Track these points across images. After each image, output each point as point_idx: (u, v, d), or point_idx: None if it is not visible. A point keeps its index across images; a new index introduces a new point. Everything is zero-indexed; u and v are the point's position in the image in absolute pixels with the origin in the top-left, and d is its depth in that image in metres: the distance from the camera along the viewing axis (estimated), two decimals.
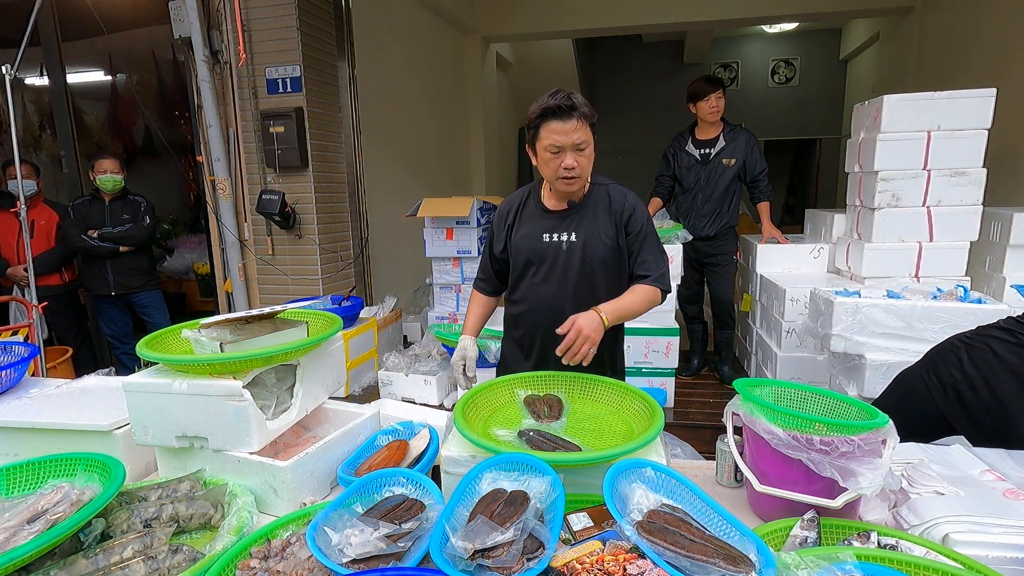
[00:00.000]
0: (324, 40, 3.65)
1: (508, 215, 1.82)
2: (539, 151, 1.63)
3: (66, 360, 3.58)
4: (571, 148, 1.58)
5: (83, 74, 4.93)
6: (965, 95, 2.68)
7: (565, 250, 1.73)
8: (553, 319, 1.66)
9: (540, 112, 1.58)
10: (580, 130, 1.57)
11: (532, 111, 1.62)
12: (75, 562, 0.97)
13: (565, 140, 1.57)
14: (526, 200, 1.81)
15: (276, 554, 1.03)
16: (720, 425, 1.36)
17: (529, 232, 1.77)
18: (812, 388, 1.37)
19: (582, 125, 1.57)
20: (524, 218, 1.79)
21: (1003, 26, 4.13)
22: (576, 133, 1.57)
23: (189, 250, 5.17)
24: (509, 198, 1.87)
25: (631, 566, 0.85)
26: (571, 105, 1.55)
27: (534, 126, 1.62)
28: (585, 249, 1.72)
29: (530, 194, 1.82)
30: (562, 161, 1.60)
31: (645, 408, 1.36)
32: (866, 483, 1.04)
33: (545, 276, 1.75)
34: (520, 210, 1.81)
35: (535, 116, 1.60)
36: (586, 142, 1.60)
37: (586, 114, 1.57)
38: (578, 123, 1.57)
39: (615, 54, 9.29)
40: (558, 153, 1.59)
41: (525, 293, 1.80)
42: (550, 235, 1.74)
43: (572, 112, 1.56)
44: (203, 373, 1.24)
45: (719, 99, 3.31)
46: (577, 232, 1.73)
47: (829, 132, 8.72)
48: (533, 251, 1.75)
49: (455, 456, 1.21)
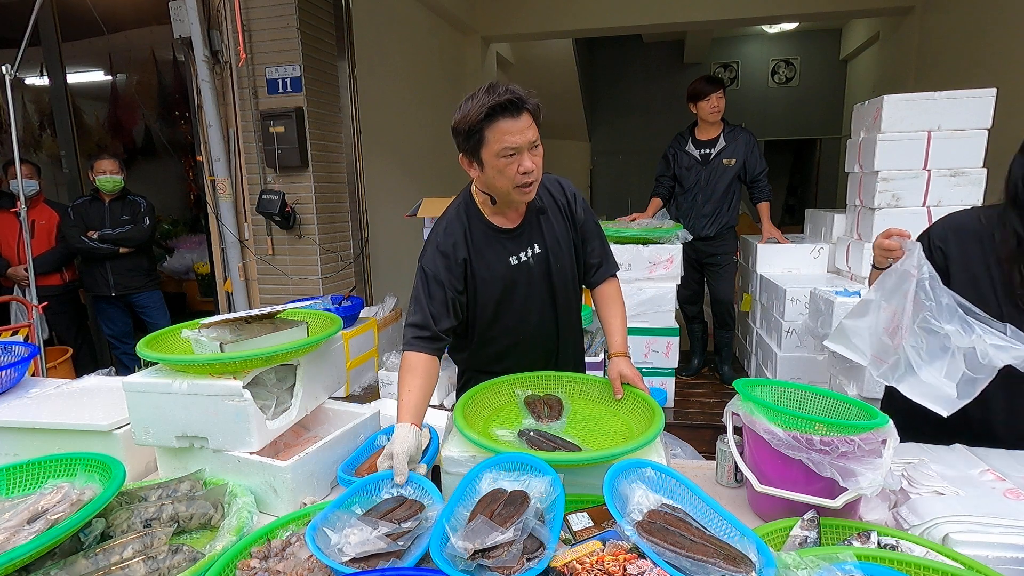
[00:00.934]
0: (324, 40, 3.65)
1: (456, 253, 1.50)
2: (487, 159, 1.37)
3: (66, 360, 3.58)
4: (527, 147, 1.36)
5: (83, 74, 4.93)
6: (965, 95, 2.68)
7: (534, 265, 1.55)
8: (542, 343, 1.62)
9: (485, 112, 1.31)
10: (532, 127, 1.36)
11: (468, 115, 1.34)
12: (75, 562, 0.97)
13: (520, 140, 1.34)
14: (469, 226, 1.52)
15: (276, 554, 1.03)
16: (720, 425, 1.36)
17: (493, 260, 1.52)
18: (812, 388, 1.37)
19: (532, 122, 1.36)
20: (478, 247, 1.52)
21: (1003, 26, 4.13)
22: (530, 130, 1.35)
23: (189, 250, 5.16)
24: (446, 228, 1.53)
25: (631, 566, 0.85)
26: (519, 99, 1.32)
27: (476, 131, 1.34)
28: (551, 259, 1.56)
29: (468, 216, 1.53)
30: (519, 165, 1.36)
31: (645, 408, 1.36)
32: (866, 483, 1.04)
33: (524, 301, 1.56)
34: (469, 239, 1.52)
35: (479, 119, 1.32)
36: (538, 140, 1.39)
37: (534, 108, 1.35)
38: (529, 119, 1.35)
39: (615, 54, 9.29)
40: (513, 156, 1.35)
41: (508, 325, 1.58)
42: (515, 256, 1.54)
43: (523, 106, 1.33)
44: (203, 373, 1.24)
45: (720, 99, 3.31)
46: (539, 243, 1.56)
47: (829, 132, 8.72)
48: (505, 279, 1.53)
49: (455, 456, 1.21)
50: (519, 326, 1.58)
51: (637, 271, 3.16)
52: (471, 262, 1.51)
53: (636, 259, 3.15)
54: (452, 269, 1.49)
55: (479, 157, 1.39)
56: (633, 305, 3.11)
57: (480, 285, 1.53)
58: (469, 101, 1.35)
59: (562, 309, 1.62)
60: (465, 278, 1.52)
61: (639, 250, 3.15)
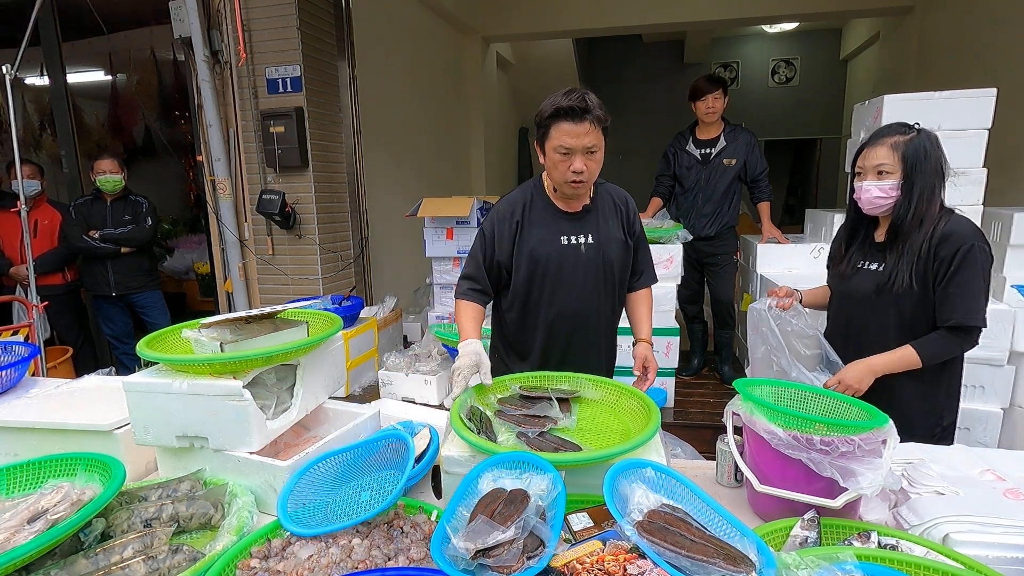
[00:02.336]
0: (324, 40, 3.65)
1: (512, 217, 1.70)
2: (548, 151, 1.58)
3: (66, 360, 3.58)
4: (581, 151, 1.53)
5: (83, 74, 4.93)
6: (965, 95, 2.68)
7: (584, 253, 1.69)
8: (578, 325, 1.72)
9: (552, 111, 1.52)
10: (592, 134, 1.52)
11: (544, 109, 1.55)
12: (75, 562, 0.97)
13: (575, 143, 1.52)
14: (531, 200, 1.72)
15: (276, 554, 1.03)
16: (720, 425, 1.36)
17: (544, 235, 1.69)
18: (812, 388, 1.37)
19: (594, 129, 1.52)
20: (534, 219, 1.70)
21: (1003, 26, 4.13)
22: (588, 136, 1.51)
23: (189, 250, 5.17)
24: (509, 197, 1.76)
25: (631, 566, 0.85)
26: (584, 107, 1.49)
27: (544, 125, 1.56)
28: (603, 251, 1.70)
29: (533, 193, 1.73)
30: (571, 164, 1.55)
31: (642, 408, 1.36)
32: (866, 483, 1.04)
33: (568, 280, 1.70)
34: (527, 211, 1.71)
35: (546, 115, 1.54)
36: (597, 146, 1.55)
37: (599, 117, 1.52)
38: (591, 126, 1.51)
39: (615, 54, 9.28)
40: (567, 155, 1.54)
41: (547, 300, 1.71)
42: (567, 237, 1.69)
43: (585, 114, 1.50)
44: (203, 373, 1.24)
45: (716, 99, 3.31)
46: (594, 234, 1.70)
47: (829, 132, 8.72)
48: (553, 255, 1.68)
49: (455, 456, 1.21)
50: (557, 302, 1.71)
51: None
52: (522, 230, 1.69)
53: None
54: (503, 233, 1.69)
55: (544, 147, 1.59)
56: None
57: (530, 253, 1.69)
58: (550, 98, 1.54)
59: (606, 301, 1.75)
60: (513, 244, 1.70)
61: None
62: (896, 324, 1.63)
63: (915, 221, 1.57)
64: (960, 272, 1.53)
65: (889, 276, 1.60)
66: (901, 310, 1.61)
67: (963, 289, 1.53)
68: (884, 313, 1.64)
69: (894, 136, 1.59)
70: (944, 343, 1.57)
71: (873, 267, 1.68)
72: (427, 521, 1.12)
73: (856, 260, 1.73)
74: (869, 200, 1.62)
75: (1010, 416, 2.60)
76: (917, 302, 1.59)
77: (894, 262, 1.60)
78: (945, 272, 1.54)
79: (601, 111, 1.52)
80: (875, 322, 1.67)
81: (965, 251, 1.52)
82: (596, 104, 1.51)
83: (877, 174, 1.59)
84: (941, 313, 1.57)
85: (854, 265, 1.73)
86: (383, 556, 1.03)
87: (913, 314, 1.60)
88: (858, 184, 1.64)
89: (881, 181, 1.59)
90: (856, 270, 1.72)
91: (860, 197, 1.64)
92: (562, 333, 1.74)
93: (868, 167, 1.62)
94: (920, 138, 1.57)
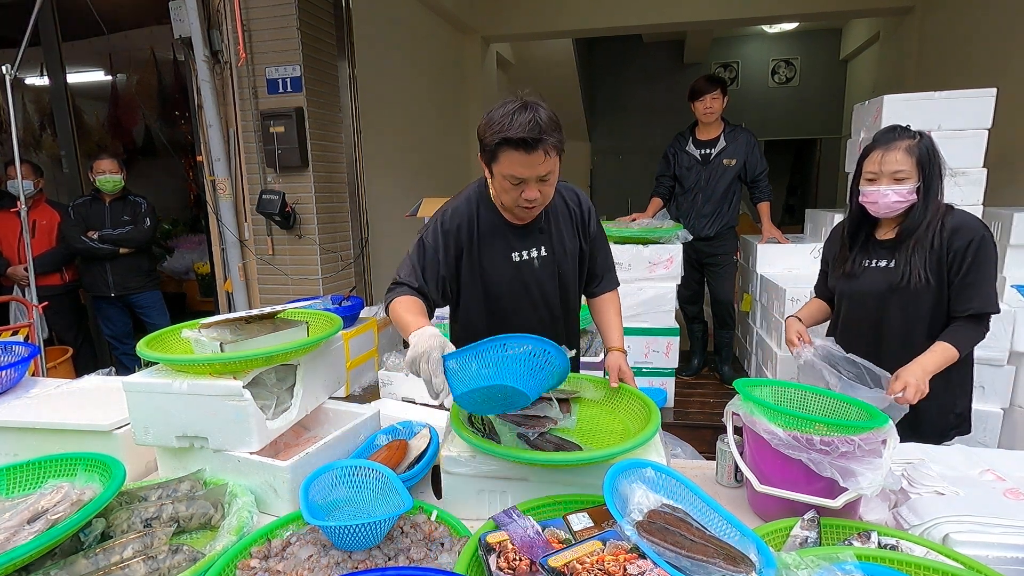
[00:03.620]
0: (324, 40, 3.65)
1: (459, 232, 1.50)
2: (495, 174, 1.38)
3: (66, 360, 3.58)
4: (534, 180, 1.35)
5: (83, 74, 4.93)
6: (965, 95, 2.68)
7: (538, 267, 1.55)
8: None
9: (500, 140, 1.30)
10: (546, 162, 1.32)
11: (489, 129, 1.32)
12: (75, 562, 0.97)
13: (528, 173, 1.33)
14: (476, 214, 1.52)
15: (276, 554, 1.03)
16: (720, 425, 1.36)
17: (495, 253, 1.53)
18: (812, 388, 1.37)
19: (549, 157, 1.32)
20: (482, 237, 1.52)
21: (1003, 26, 4.13)
22: (542, 166, 1.32)
23: (189, 250, 5.17)
24: (451, 209, 1.54)
25: (631, 566, 0.85)
26: (537, 137, 1.28)
27: (490, 148, 1.34)
28: (557, 264, 1.57)
29: (479, 203, 1.53)
30: (522, 192, 1.37)
31: (642, 407, 1.36)
32: (866, 483, 1.04)
33: (520, 299, 1.57)
34: (475, 224, 1.51)
35: (493, 141, 1.32)
36: (552, 172, 1.36)
37: (554, 144, 1.32)
38: (544, 156, 1.31)
39: (615, 54, 9.28)
40: (518, 184, 1.36)
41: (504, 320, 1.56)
42: (519, 253, 1.54)
43: (538, 144, 1.29)
44: (203, 373, 1.24)
45: (714, 100, 3.30)
46: (547, 246, 1.56)
47: (829, 132, 8.72)
48: (505, 275, 1.54)
49: (455, 456, 1.21)
50: (520, 323, 1.56)
51: (637, 271, 3.15)
52: (470, 248, 1.51)
53: (636, 259, 3.15)
54: (447, 247, 1.49)
55: (491, 168, 1.40)
56: (633, 305, 3.10)
57: (481, 275, 1.54)
58: (497, 111, 1.32)
59: (565, 313, 1.65)
60: (457, 263, 1.52)
61: (639, 250, 3.14)
62: (913, 318, 1.67)
63: (926, 218, 1.61)
64: (976, 262, 1.59)
65: (903, 272, 1.63)
66: (917, 304, 1.65)
67: (980, 278, 1.60)
68: (900, 308, 1.68)
69: (905, 140, 1.61)
70: (971, 332, 1.62)
71: (883, 264, 1.69)
72: (427, 521, 1.12)
73: (860, 259, 1.74)
74: (887, 204, 1.62)
75: (1010, 416, 2.60)
76: (931, 295, 1.64)
77: (906, 258, 1.63)
78: (961, 263, 1.60)
79: (555, 135, 1.31)
80: (892, 318, 1.69)
81: (978, 242, 1.58)
82: (549, 127, 1.30)
83: (895, 179, 1.60)
84: (960, 303, 1.61)
85: (860, 264, 1.74)
86: (383, 556, 1.03)
87: (928, 307, 1.65)
88: (871, 188, 1.64)
89: (899, 185, 1.60)
90: (864, 269, 1.73)
91: (876, 201, 1.64)
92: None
93: (885, 172, 1.61)
94: (926, 140, 1.62)
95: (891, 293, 1.67)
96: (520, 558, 0.92)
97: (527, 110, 1.29)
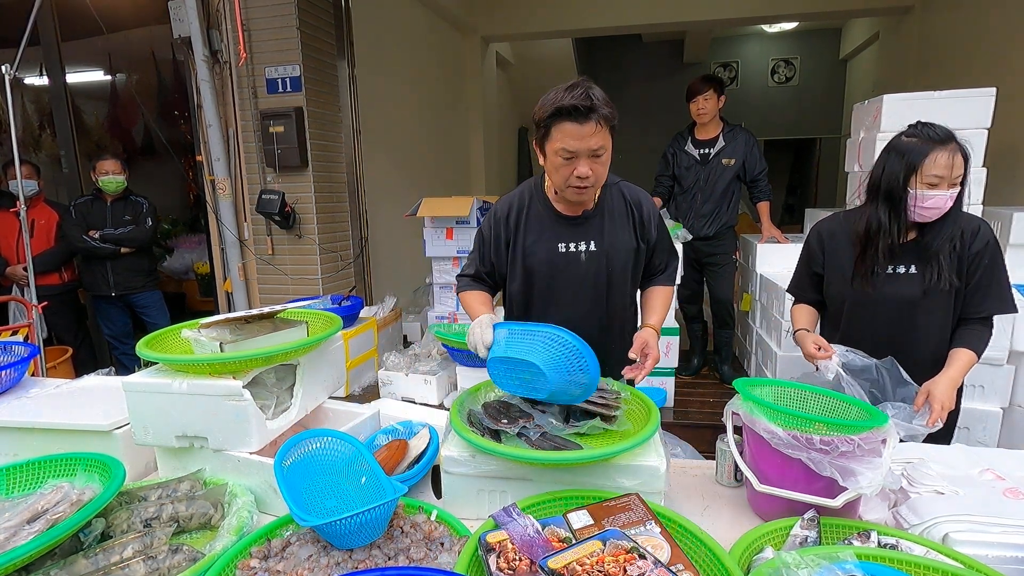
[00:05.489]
0: (324, 40, 3.65)
1: (508, 219, 1.57)
2: (548, 153, 1.42)
3: (66, 360, 3.58)
4: (586, 154, 1.37)
5: (83, 74, 4.92)
6: (965, 95, 2.68)
7: (584, 261, 1.55)
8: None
9: (553, 110, 1.35)
10: (598, 134, 1.35)
11: (542, 107, 1.38)
12: (75, 562, 0.97)
13: (580, 145, 1.36)
14: (528, 202, 1.58)
15: (276, 554, 1.03)
16: (720, 425, 1.36)
17: (540, 241, 1.56)
18: (812, 388, 1.37)
19: (600, 128, 1.35)
20: (531, 223, 1.57)
21: (1003, 26, 4.13)
22: (593, 138, 1.35)
23: (189, 250, 5.16)
24: (506, 198, 1.63)
25: (631, 567, 0.85)
26: (589, 105, 1.32)
27: (544, 124, 1.39)
28: (608, 259, 1.56)
29: (532, 195, 1.59)
30: (574, 168, 1.39)
31: (642, 407, 1.36)
32: (866, 482, 1.04)
33: (562, 291, 1.58)
34: (524, 213, 1.57)
35: (546, 114, 1.37)
36: (604, 147, 1.38)
37: (606, 116, 1.35)
38: (596, 126, 1.34)
39: (615, 54, 9.28)
40: (570, 159, 1.38)
41: (543, 310, 1.60)
42: (566, 244, 1.55)
43: (590, 114, 1.33)
44: (203, 373, 1.24)
45: (706, 100, 3.30)
46: (597, 241, 1.55)
47: (829, 132, 8.72)
48: (548, 263, 1.56)
49: (455, 456, 1.21)
50: (547, 314, 1.58)
51: None
52: (518, 234, 1.58)
53: None
54: (497, 235, 1.59)
55: (543, 148, 1.44)
56: None
57: (524, 261, 1.58)
58: (551, 92, 1.38)
59: (613, 313, 1.62)
60: (507, 248, 1.60)
61: None
62: (942, 324, 1.64)
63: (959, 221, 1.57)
64: (991, 264, 1.57)
65: (932, 276, 1.57)
66: (944, 309, 1.62)
67: (995, 280, 1.58)
68: (926, 314, 1.63)
69: (953, 140, 1.54)
70: (985, 335, 1.61)
71: (907, 270, 1.62)
72: (427, 521, 1.12)
73: (882, 265, 1.63)
74: (940, 210, 1.53)
75: (1010, 416, 2.60)
76: (954, 299, 1.62)
77: (936, 262, 1.57)
78: (978, 265, 1.58)
79: (608, 108, 1.35)
80: (926, 323, 1.64)
81: (993, 243, 1.58)
82: (602, 100, 1.34)
83: (954, 183, 1.51)
84: (977, 306, 1.60)
85: (882, 270, 1.64)
86: (383, 556, 1.03)
87: (952, 311, 1.64)
88: (936, 193, 1.51)
89: (955, 189, 1.52)
90: (886, 275, 1.63)
91: (939, 207, 1.52)
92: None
93: (948, 176, 1.50)
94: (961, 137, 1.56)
95: (922, 299, 1.60)
96: (520, 558, 0.91)
97: (579, 86, 1.35)
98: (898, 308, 1.64)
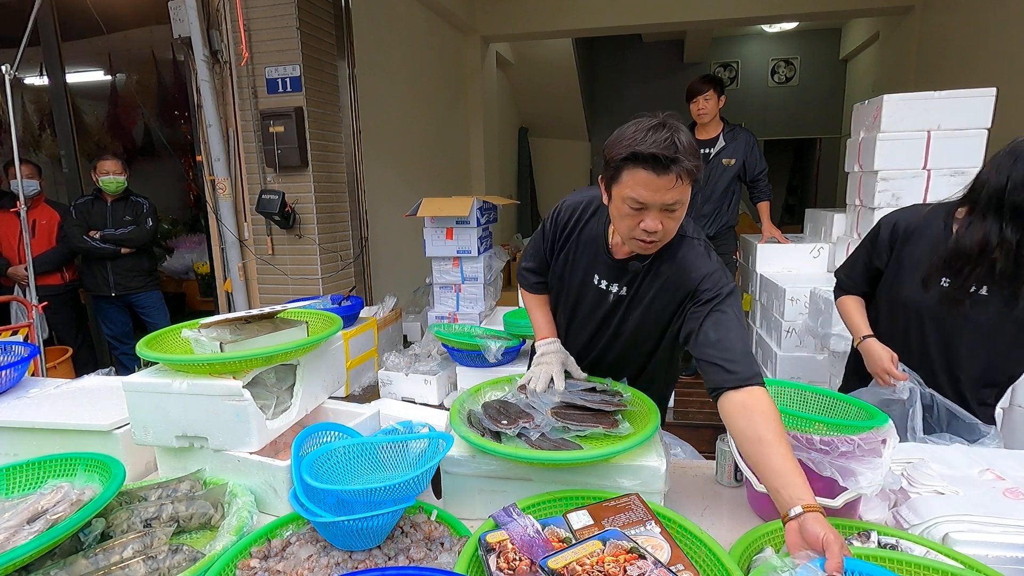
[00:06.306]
0: (324, 40, 3.65)
1: (566, 227, 1.47)
2: (614, 197, 1.22)
3: (66, 360, 3.58)
4: (658, 208, 1.17)
5: (83, 74, 4.92)
6: (965, 95, 2.68)
7: (611, 302, 1.44)
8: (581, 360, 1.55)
9: (628, 154, 1.14)
10: (677, 189, 1.15)
11: (617, 145, 1.17)
12: (75, 562, 0.97)
13: (653, 199, 1.16)
14: (589, 220, 1.44)
15: (276, 554, 1.03)
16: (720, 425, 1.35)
17: (579, 266, 1.46)
18: (812, 388, 1.37)
19: (681, 184, 1.14)
20: (581, 243, 1.45)
21: (1003, 26, 4.13)
22: (671, 192, 1.15)
23: (189, 250, 5.16)
24: (575, 200, 1.48)
25: (631, 567, 0.85)
26: (673, 157, 1.11)
27: (615, 166, 1.18)
28: (629, 310, 1.43)
29: (595, 215, 1.43)
30: (641, 221, 1.19)
31: (642, 407, 1.36)
32: (866, 483, 1.04)
33: (583, 320, 1.52)
34: (579, 230, 1.45)
35: (620, 156, 1.16)
36: (680, 203, 1.18)
37: (689, 170, 1.13)
38: (676, 180, 1.13)
39: (615, 54, 9.29)
40: (639, 211, 1.19)
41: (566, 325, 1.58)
42: (601, 280, 1.43)
43: (672, 166, 1.12)
44: (203, 373, 1.24)
45: (706, 100, 3.31)
46: (632, 288, 1.40)
47: (829, 132, 8.73)
48: (577, 289, 1.49)
49: (455, 456, 1.21)
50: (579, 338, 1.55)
51: None
52: (566, 247, 1.49)
53: None
54: (550, 236, 1.53)
55: (610, 190, 1.24)
56: None
57: (558, 277, 1.54)
58: (630, 126, 1.18)
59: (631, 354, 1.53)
60: (551, 255, 1.54)
61: None
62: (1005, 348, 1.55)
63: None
64: None
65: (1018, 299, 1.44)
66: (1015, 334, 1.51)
67: None
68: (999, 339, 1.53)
69: None
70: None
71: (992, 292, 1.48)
72: (427, 521, 1.12)
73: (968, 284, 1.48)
74: None
75: (1010, 416, 2.60)
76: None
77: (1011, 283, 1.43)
78: None
79: (694, 160, 1.14)
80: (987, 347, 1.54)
81: None
82: (688, 150, 1.13)
83: None
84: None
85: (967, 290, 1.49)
86: (383, 556, 1.03)
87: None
88: None
89: None
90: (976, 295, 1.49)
91: None
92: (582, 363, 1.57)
93: None
94: None
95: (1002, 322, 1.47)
96: (520, 558, 0.91)
97: (665, 128, 1.14)
98: (977, 330, 1.51)
